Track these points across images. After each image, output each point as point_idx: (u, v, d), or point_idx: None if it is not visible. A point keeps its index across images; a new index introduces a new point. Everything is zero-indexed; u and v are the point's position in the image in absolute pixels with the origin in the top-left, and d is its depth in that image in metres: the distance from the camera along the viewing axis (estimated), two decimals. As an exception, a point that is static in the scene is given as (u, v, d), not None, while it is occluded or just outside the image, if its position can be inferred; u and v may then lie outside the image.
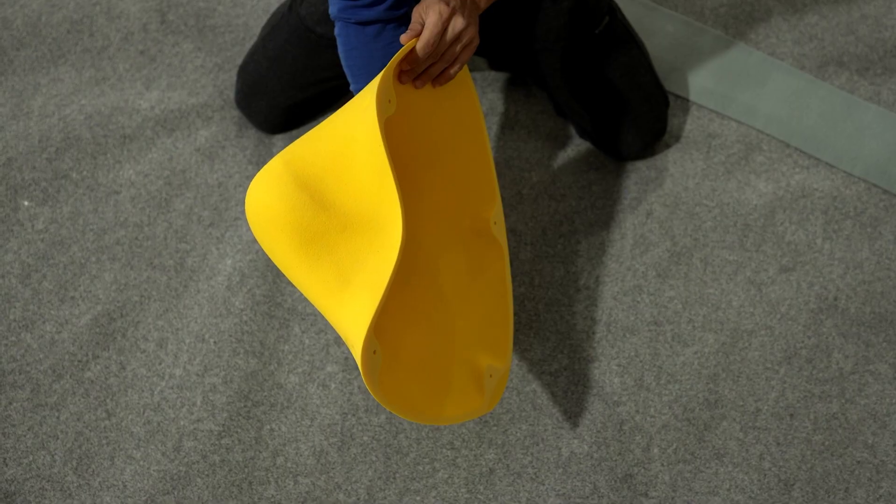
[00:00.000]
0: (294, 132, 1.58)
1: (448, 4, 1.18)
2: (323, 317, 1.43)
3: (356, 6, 1.23)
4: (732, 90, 1.63)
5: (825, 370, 1.42)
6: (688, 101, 1.63)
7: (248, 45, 1.66)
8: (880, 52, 1.66)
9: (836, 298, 1.47)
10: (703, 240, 1.51)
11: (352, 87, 1.28)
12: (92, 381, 1.38)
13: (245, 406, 1.36)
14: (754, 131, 1.61)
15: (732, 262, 1.49)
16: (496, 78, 1.65)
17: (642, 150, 1.55)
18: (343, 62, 1.27)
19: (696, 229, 1.52)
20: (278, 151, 1.57)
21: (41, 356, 1.40)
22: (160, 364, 1.39)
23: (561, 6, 1.43)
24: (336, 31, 1.26)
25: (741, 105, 1.62)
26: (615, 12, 1.47)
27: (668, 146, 1.59)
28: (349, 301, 1.08)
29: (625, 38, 1.48)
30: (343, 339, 1.13)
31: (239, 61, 1.65)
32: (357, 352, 1.05)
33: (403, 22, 1.25)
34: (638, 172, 1.57)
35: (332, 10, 1.25)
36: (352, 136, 1.10)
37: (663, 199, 1.55)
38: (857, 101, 1.63)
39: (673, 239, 1.51)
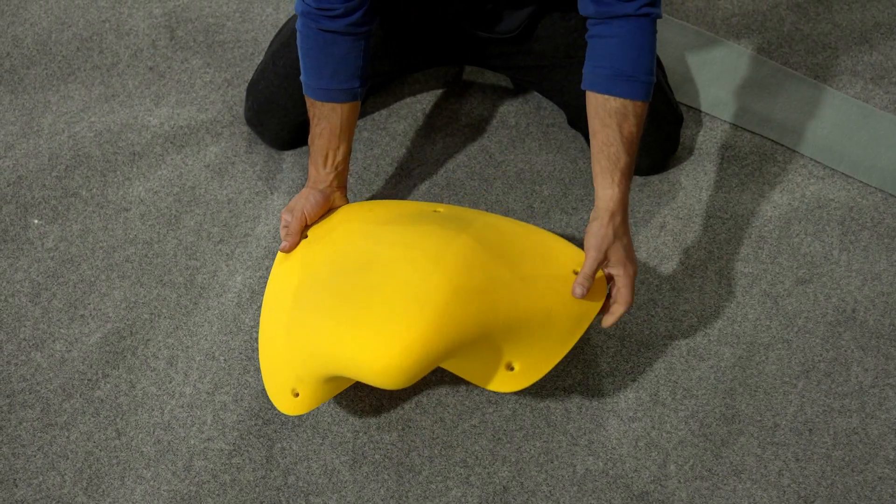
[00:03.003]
0: (304, 148, 1.57)
1: (635, 272, 1.22)
2: None
3: (321, 14, 1.26)
4: (745, 101, 1.62)
5: (844, 384, 1.39)
6: (700, 112, 1.62)
7: (257, 60, 1.66)
8: (895, 60, 1.64)
9: (854, 310, 1.45)
10: (717, 252, 1.49)
11: (301, 77, 1.33)
12: (102, 401, 1.37)
13: (256, 424, 1.35)
14: (768, 142, 1.59)
15: (748, 274, 1.48)
16: (507, 89, 1.64)
17: (653, 168, 1.54)
18: (299, 53, 1.32)
19: (711, 242, 1.50)
20: (288, 167, 1.56)
21: (51, 375, 1.39)
22: (170, 382, 1.38)
23: (570, 23, 1.42)
24: (297, 24, 1.31)
25: (755, 116, 1.61)
26: None
27: (681, 158, 1.57)
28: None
29: None
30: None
31: (248, 76, 1.64)
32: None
33: (363, 37, 1.28)
34: (650, 185, 1.55)
35: (298, 7, 1.28)
36: None
37: (676, 211, 1.53)
38: (872, 111, 1.61)
39: (687, 252, 1.49)
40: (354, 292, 1.19)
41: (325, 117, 1.33)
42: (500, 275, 1.18)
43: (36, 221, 1.51)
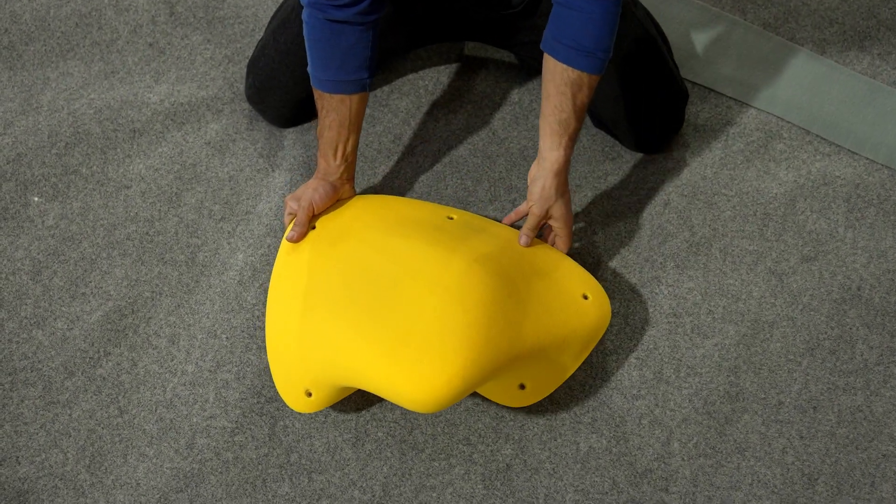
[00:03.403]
0: (305, 126, 1.56)
1: (572, 223, 1.36)
2: None
3: (328, 4, 1.25)
4: (751, 77, 1.60)
5: (849, 361, 1.39)
6: (705, 88, 1.60)
7: (258, 35, 1.64)
8: (903, 35, 1.62)
9: (859, 288, 1.44)
10: (722, 230, 1.48)
11: (308, 67, 1.32)
12: (104, 379, 1.37)
13: (258, 402, 1.35)
14: (774, 118, 1.58)
15: (752, 251, 1.47)
16: (510, 65, 1.62)
17: (658, 144, 1.52)
18: (306, 44, 1.31)
19: (715, 219, 1.49)
20: (289, 145, 1.55)
21: (53, 353, 1.39)
22: (172, 360, 1.38)
23: None
24: (304, 15, 1.29)
25: (760, 92, 1.59)
26: (636, 5, 1.45)
27: (685, 135, 1.56)
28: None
29: (644, 32, 1.46)
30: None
31: (248, 53, 1.63)
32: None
33: (372, 26, 1.27)
34: (655, 162, 1.54)
35: None
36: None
37: (681, 188, 1.52)
38: (879, 87, 1.59)
39: (691, 229, 1.49)
40: (379, 313, 1.23)
41: (335, 109, 1.33)
42: (526, 307, 1.26)
43: (36, 199, 1.50)
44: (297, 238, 1.35)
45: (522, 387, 1.29)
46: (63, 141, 1.55)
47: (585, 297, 1.33)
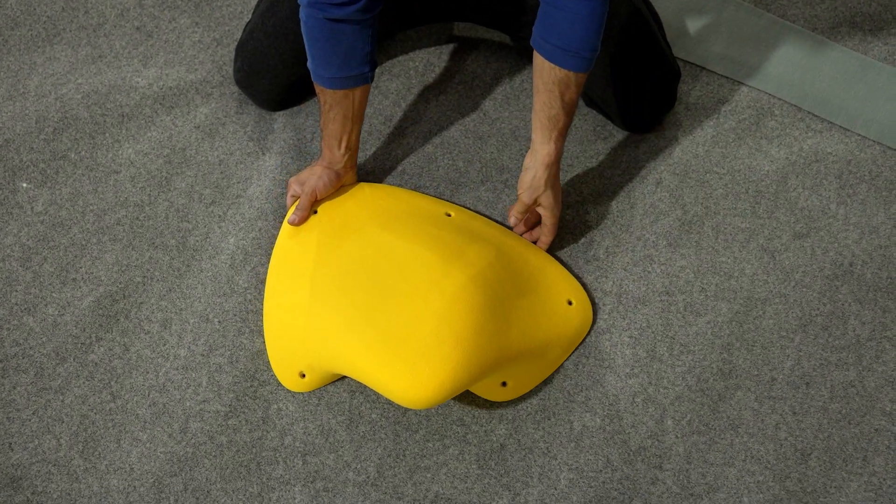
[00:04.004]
0: (295, 108, 1.55)
1: (559, 214, 1.40)
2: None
3: (328, 3, 1.24)
4: (742, 54, 1.60)
5: (841, 337, 1.39)
6: (697, 66, 1.60)
7: (246, 18, 1.63)
8: (894, 11, 1.62)
9: (851, 264, 1.44)
10: (714, 207, 1.48)
11: (308, 64, 1.32)
12: (96, 364, 1.36)
13: (251, 386, 1.35)
14: (766, 96, 1.57)
15: (745, 229, 1.47)
16: (501, 45, 1.62)
17: (650, 123, 1.52)
18: (305, 43, 1.30)
19: (707, 197, 1.49)
20: (279, 128, 1.54)
21: (44, 339, 1.38)
22: (164, 345, 1.38)
23: None
24: (301, 15, 1.28)
25: (752, 69, 1.59)
26: None
27: (677, 113, 1.56)
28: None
29: (635, 10, 1.45)
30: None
31: (237, 36, 1.62)
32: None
33: (370, 24, 1.27)
34: (647, 141, 1.54)
35: None
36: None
37: (673, 167, 1.52)
38: (870, 62, 1.59)
39: (683, 207, 1.48)
40: (376, 316, 1.26)
41: (338, 103, 1.33)
42: (513, 314, 1.30)
43: (25, 185, 1.49)
44: (299, 222, 1.38)
45: (504, 384, 1.33)
46: (51, 126, 1.54)
47: (570, 303, 1.38)
